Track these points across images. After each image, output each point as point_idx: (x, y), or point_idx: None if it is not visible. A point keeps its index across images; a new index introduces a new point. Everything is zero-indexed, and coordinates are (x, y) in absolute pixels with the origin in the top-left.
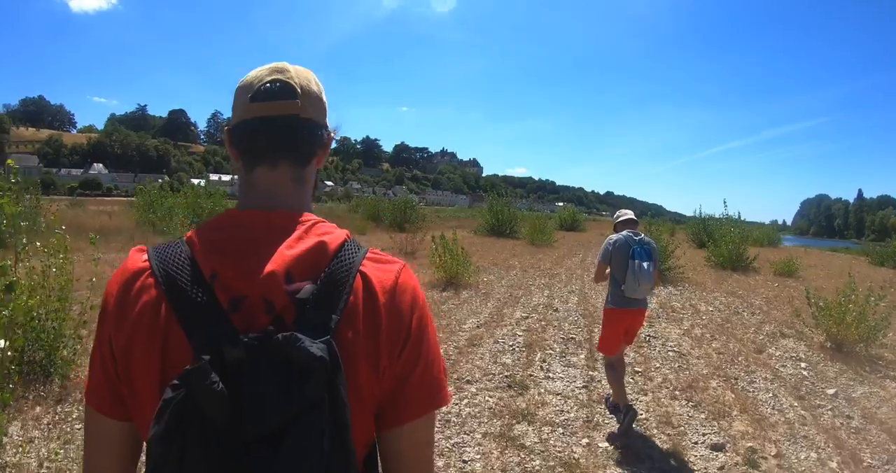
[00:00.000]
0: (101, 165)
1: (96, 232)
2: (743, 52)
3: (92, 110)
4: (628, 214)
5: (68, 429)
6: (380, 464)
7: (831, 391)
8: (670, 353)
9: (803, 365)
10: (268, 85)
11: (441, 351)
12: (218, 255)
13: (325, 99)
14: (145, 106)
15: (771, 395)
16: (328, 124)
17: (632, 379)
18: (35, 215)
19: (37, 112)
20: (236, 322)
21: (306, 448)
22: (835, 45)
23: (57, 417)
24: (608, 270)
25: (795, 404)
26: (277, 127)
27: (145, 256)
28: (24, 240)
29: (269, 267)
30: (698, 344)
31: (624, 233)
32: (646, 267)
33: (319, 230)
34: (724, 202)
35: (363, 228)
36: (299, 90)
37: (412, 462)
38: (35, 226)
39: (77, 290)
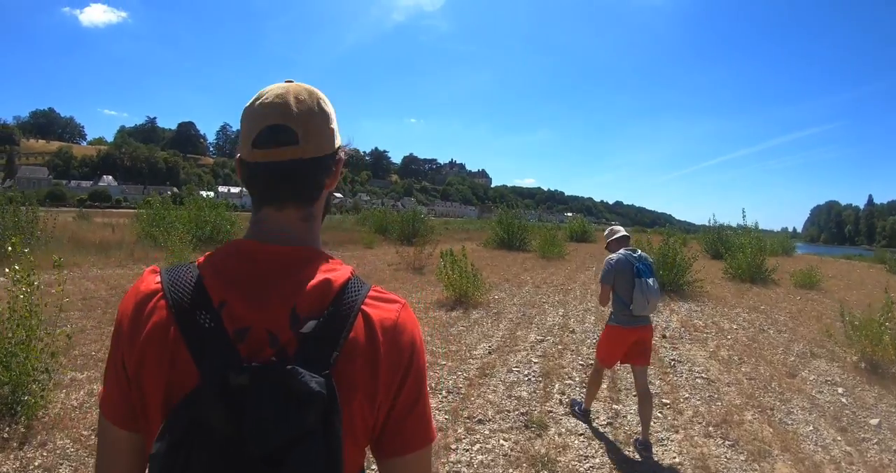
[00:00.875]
0: (110, 177)
1: (96, 246)
2: (748, 60)
3: (102, 122)
4: (622, 231)
5: None
6: None
7: (874, 421)
8: (698, 380)
9: (840, 390)
10: (268, 131)
11: (450, 383)
12: (227, 285)
13: (333, 122)
14: (155, 118)
15: (812, 428)
16: (337, 144)
17: (660, 413)
18: (33, 229)
19: (47, 124)
20: (241, 351)
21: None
22: (841, 50)
23: (19, 463)
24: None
25: (839, 438)
26: (281, 171)
27: (158, 278)
28: None
29: (276, 302)
30: (727, 368)
31: (622, 251)
32: (651, 283)
33: (325, 267)
34: (743, 211)
35: (370, 242)
36: (300, 132)
37: None
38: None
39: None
